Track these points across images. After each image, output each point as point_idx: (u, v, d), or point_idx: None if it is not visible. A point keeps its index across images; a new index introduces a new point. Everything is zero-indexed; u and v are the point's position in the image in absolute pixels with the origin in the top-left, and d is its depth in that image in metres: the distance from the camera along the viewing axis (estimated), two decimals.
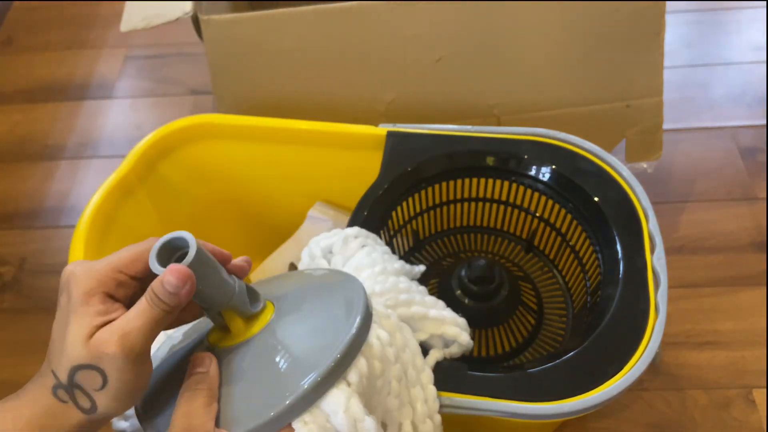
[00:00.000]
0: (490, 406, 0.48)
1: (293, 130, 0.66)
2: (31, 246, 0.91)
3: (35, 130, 1.05)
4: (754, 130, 0.94)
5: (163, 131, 0.66)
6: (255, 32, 0.71)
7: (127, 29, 0.71)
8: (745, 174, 0.90)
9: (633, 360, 0.49)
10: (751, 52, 1.04)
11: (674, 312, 0.75)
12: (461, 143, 0.64)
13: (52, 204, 0.95)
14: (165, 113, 1.05)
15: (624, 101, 0.76)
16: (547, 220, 0.66)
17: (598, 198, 0.59)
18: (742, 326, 0.76)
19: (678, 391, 0.72)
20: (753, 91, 0.99)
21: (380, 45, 0.72)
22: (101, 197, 0.61)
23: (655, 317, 0.51)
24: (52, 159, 1.01)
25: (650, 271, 0.54)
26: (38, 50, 1.16)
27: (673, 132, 0.94)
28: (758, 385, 0.72)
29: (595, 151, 0.62)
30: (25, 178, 0.99)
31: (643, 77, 0.74)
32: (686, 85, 1.01)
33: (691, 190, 0.89)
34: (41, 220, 0.94)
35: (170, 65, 1.11)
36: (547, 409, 0.47)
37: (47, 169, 1.00)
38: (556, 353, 0.52)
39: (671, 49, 1.03)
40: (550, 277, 0.68)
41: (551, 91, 0.75)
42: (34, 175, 0.99)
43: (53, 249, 0.91)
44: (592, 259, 0.60)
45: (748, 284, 0.80)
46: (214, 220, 0.74)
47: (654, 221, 0.57)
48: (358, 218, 0.60)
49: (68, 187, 0.97)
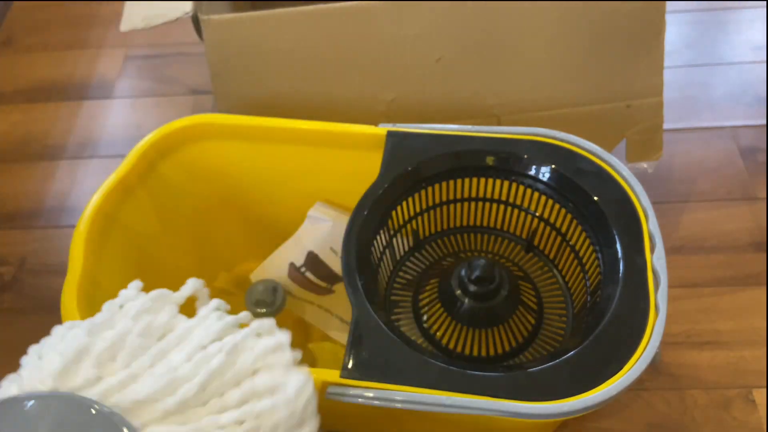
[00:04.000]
0: (489, 406, 0.48)
1: (293, 130, 0.66)
2: (31, 246, 0.91)
3: (35, 130, 1.05)
4: (754, 129, 0.94)
5: (163, 131, 0.66)
6: (255, 32, 0.71)
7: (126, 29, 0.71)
8: (745, 174, 0.90)
9: (633, 360, 0.49)
10: (751, 52, 1.04)
11: (674, 312, 0.75)
12: (461, 143, 0.64)
13: (52, 204, 0.95)
14: (165, 113, 1.05)
15: (624, 101, 0.76)
16: (547, 220, 0.66)
17: (598, 198, 0.59)
18: (743, 326, 0.76)
19: (678, 390, 0.72)
20: (753, 90, 0.99)
21: (380, 45, 0.72)
22: (101, 197, 0.61)
23: (655, 317, 0.51)
24: (52, 159, 1.01)
25: (650, 271, 0.54)
26: (38, 50, 1.16)
27: (673, 132, 0.94)
28: (758, 385, 0.72)
29: (595, 150, 0.62)
30: (24, 178, 0.99)
31: (643, 77, 0.74)
32: (686, 84, 1.01)
33: (691, 189, 0.89)
34: (41, 220, 0.94)
35: (170, 65, 1.11)
36: (546, 409, 0.47)
37: (47, 169, 1.00)
38: (556, 353, 0.52)
39: (671, 49, 1.03)
40: (550, 276, 0.68)
41: (551, 91, 0.75)
42: (34, 175, 0.99)
43: (53, 249, 0.91)
44: (592, 259, 0.60)
45: (749, 284, 0.80)
46: (214, 220, 0.74)
47: (654, 221, 0.57)
48: (358, 218, 0.60)
49: (68, 187, 0.97)
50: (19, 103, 1.09)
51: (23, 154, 1.02)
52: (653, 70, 0.74)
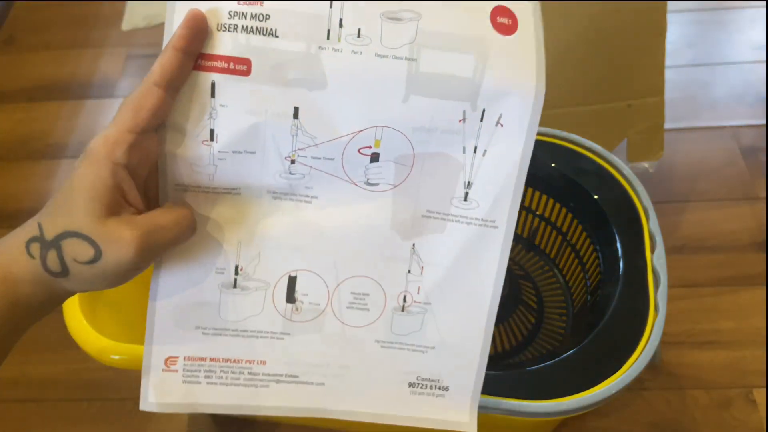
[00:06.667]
0: (489, 404, 0.48)
1: None
2: None
3: (37, 129, 1.05)
4: (755, 129, 0.94)
5: None
6: None
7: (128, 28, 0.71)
8: (746, 173, 0.90)
9: (632, 359, 0.49)
10: (752, 52, 1.04)
11: (675, 311, 0.75)
12: None
13: None
14: None
15: (625, 101, 0.76)
16: (548, 219, 0.66)
17: (598, 197, 0.59)
18: (743, 326, 0.76)
19: (678, 390, 0.72)
20: (754, 90, 0.99)
21: None
22: None
23: (655, 316, 0.51)
24: (54, 158, 1.01)
25: (650, 271, 0.54)
26: (40, 49, 1.16)
27: (674, 131, 0.94)
28: (759, 384, 0.72)
29: (596, 150, 0.62)
30: (27, 177, 0.99)
31: (644, 77, 0.74)
32: (687, 84, 1.01)
33: (692, 189, 0.89)
34: None
35: None
36: (546, 407, 0.47)
37: (49, 168, 1.00)
38: (556, 351, 0.52)
39: (672, 49, 1.03)
40: (551, 275, 0.68)
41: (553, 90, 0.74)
42: (36, 174, 1.00)
43: None
44: (593, 258, 0.60)
45: (749, 284, 0.80)
46: None
47: (655, 220, 0.57)
48: None
49: None
50: (21, 102, 1.09)
51: (25, 153, 1.02)
52: (654, 69, 0.74)
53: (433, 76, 0.38)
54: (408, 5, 0.37)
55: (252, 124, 0.38)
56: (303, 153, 0.39)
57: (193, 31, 0.36)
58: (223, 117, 0.38)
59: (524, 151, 0.39)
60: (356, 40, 0.37)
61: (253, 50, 0.37)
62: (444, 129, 0.39)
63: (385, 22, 0.37)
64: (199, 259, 0.41)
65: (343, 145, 0.39)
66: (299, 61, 0.37)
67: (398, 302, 0.43)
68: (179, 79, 0.36)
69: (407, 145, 0.40)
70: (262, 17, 0.37)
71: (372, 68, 0.37)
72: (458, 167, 0.40)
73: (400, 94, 0.38)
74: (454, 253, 0.41)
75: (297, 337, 0.43)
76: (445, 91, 0.38)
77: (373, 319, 0.43)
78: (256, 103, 0.38)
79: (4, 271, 0.35)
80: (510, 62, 0.38)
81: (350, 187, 0.40)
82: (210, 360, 0.42)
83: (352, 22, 0.37)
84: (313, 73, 0.37)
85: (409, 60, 0.37)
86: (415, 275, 0.42)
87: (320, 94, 0.38)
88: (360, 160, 0.40)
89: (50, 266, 0.34)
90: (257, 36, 0.37)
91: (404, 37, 0.37)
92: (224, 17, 0.36)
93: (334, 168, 0.40)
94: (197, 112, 0.37)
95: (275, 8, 0.37)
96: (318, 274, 0.42)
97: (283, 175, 0.40)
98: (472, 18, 0.38)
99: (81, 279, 0.35)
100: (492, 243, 0.41)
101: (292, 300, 0.42)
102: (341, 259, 0.42)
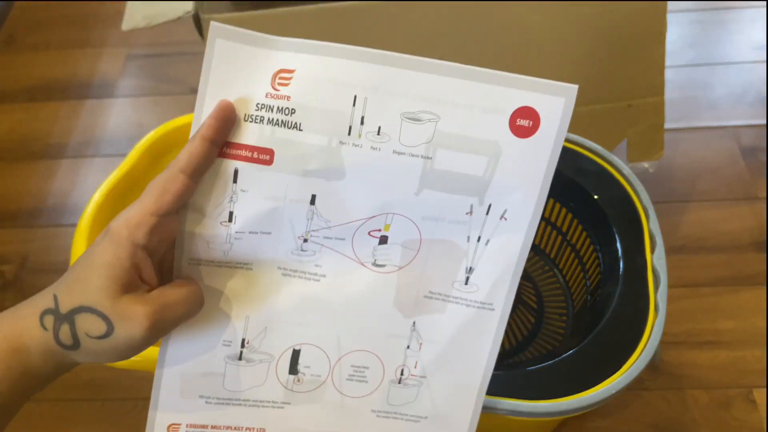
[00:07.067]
0: (489, 404, 0.48)
1: None
2: (33, 244, 0.91)
3: (37, 128, 1.05)
4: (755, 129, 0.94)
5: (163, 129, 0.66)
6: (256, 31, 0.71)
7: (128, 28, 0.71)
8: (746, 173, 0.90)
9: (632, 359, 0.49)
10: (752, 52, 1.04)
11: (675, 311, 0.75)
12: None
13: (54, 202, 0.96)
14: (166, 112, 1.05)
15: (625, 101, 0.76)
16: (548, 219, 0.66)
17: (598, 197, 0.59)
18: (743, 326, 0.76)
19: (678, 390, 0.72)
20: (754, 90, 0.99)
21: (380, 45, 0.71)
22: (102, 195, 0.61)
23: (655, 316, 0.51)
24: (54, 158, 1.01)
25: (650, 271, 0.54)
26: (40, 49, 1.16)
27: (674, 131, 0.94)
28: (759, 384, 0.72)
29: (596, 150, 0.62)
30: (26, 177, 0.99)
31: (644, 77, 0.74)
32: (687, 84, 1.01)
33: (692, 189, 0.89)
34: (43, 219, 0.94)
35: (172, 64, 1.12)
36: (546, 407, 0.47)
37: (49, 168, 1.00)
38: (556, 352, 0.52)
39: (672, 49, 1.03)
40: (551, 276, 0.68)
41: None
42: (36, 174, 1.00)
43: (55, 247, 0.91)
44: (593, 258, 0.60)
45: (749, 284, 0.80)
46: None
47: (655, 220, 0.57)
48: None
49: (70, 186, 0.97)
50: (21, 101, 1.09)
51: (25, 153, 1.02)
52: (654, 69, 0.74)
53: (446, 174, 0.39)
54: (428, 106, 0.39)
55: (270, 209, 0.40)
56: (316, 233, 0.41)
57: (221, 122, 0.37)
58: (243, 201, 0.39)
59: (524, 243, 0.41)
60: (376, 137, 0.39)
61: (276, 141, 0.38)
62: (451, 219, 0.41)
63: (404, 122, 0.39)
64: (208, 331, 0.42)
65: (355, 228, 0.41)
66: (320, 153, 0.39)
67: (396, 375, 0.44)
68: (204, 166, 0.37)
69: (415, 230, 0.41)
70: (288, 111, 0.38)
71: (389, 164, 0.39)
72: (462, 254, 0.42)
73: (413, 187, 0.40)
74: (452, 332, 0.43)
75: (297, 406, 0.44)
76: (456, 187, 0.40)
77: (371, 391, 0.44)
78: (275, 189, 0.39)
79: (17, 342, 0.35)
80: (521, 163, 0.39)
81: (358, 267, 0.42)
82: (211, 428, 0.44)
83: (373, 119, 0.38)
84: (332, 165, 0.39)
85: (425, 158, 0.39)
86: (414, 351, 0.44)
87: (338, 184, 0.39)
88: (369, 242, 0.41)
89: (62, 339, 0.35)
90: (282, 129, 0.38)
91: (422, 137, 0.39)
92: (252, 108, 0.37)
93: (344, 247, 0.41)
94: (219, 195, 0.39)
95: (301, 103, 0.38)
96: (321, 348, 0.43)
97: (294, 252, 0.41)
98: (490, 121, 0.39)
99: (90, 352, 0.36)
100: (488, 324, 0.43)
101: (295, 372, 0.44)
102: (344, 334, 0.43)
